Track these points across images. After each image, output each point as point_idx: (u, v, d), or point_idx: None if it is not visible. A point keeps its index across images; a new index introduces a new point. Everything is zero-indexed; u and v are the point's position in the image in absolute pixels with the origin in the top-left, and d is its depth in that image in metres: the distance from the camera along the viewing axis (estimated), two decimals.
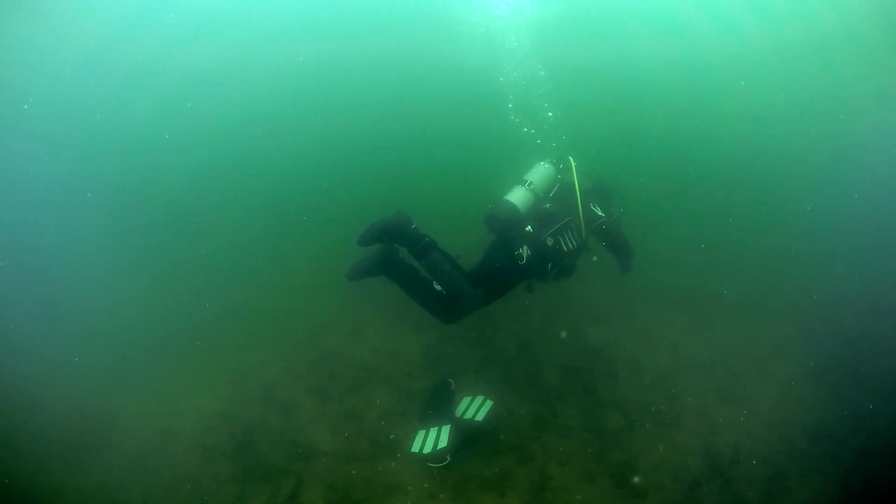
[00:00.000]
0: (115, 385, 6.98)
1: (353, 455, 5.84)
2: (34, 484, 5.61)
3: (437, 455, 5.54)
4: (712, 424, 6.20)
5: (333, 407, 6.53)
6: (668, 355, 7.26)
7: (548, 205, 5.55)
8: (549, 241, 5.33)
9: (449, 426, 5.76)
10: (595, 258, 5.78)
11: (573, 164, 5.69)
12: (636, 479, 5.53)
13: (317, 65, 14.32)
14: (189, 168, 12.40)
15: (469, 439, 5.82)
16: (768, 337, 7.51)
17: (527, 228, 5.35)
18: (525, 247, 5.23)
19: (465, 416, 6.00)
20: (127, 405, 6.67)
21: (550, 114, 8.06)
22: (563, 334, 7.63)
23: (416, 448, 5.61)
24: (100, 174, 11.66)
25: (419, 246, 4.92)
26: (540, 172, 5.66)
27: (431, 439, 5.65)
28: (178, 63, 13.13)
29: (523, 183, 5.55)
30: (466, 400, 6.25)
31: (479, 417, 5.98)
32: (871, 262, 8.99)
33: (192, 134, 13.08)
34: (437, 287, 4.99)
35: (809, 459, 5.76)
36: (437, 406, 6.08)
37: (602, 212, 5.68)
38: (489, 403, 6.16)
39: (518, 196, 5.46)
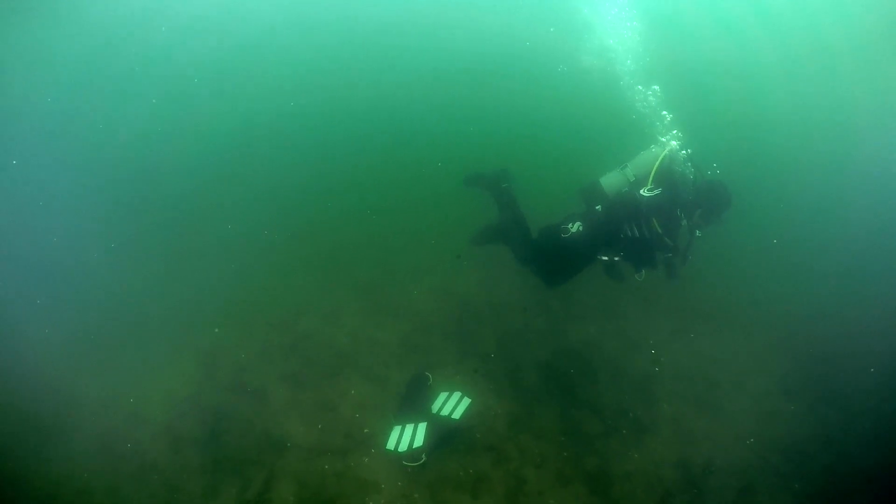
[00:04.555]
0: (80, 363, 6.74)
1: (326, 448, 5.74)
2: None
3: (412, 454, 5.46)
4: (687, 434, 6.22)
5: (307, 396, 6.39)
6: (648, 360, 7.23)
7: (625, 188, 5.53)
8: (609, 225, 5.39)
9: (425, 424, 5.67)
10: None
11: (667, 147, 5.49)
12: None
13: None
14: (168, 146, 12.02)
15: (445, 438, 5.75)
16: (748, 348, 7.52)
17: (597, 207, 5.50)
18: (578, 223, 5.40)
19: (441, 413, 5.92)
20: (92, 385, 6.44)
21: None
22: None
23: (391, 446, 5.52)
24: (75, 149, 11.28)
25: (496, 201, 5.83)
26: (643, 158, 5.59)
27: (407, 437, 5.56)
28: (185, 31, 12.86)
29: (622, 166, 5.59)
30: (444, 395, 6.15)
31: (457, 416, 5.90)
32: (854, 281, 9.04)
33: (180, 114, 12.74)
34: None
35: (780, 476, 5.81)
36: (413, 400, 5.98)
37: (686, 220, 5.41)
38: (467, 401, 6.08)
39: (609, 179, 5.58)
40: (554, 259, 5.56)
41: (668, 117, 6.38)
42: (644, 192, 5.32)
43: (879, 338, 7.72)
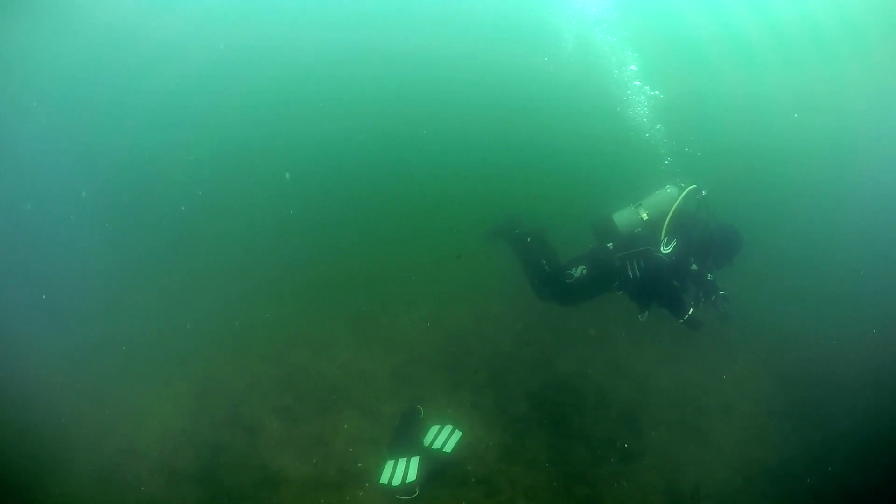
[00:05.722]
0: (74, 397, 6.75)
1: (321, 483, 5.80)
2: None
3: (405, 488, 5.55)
4: (675, 461, 6.31)
5: (300, 430, 6.47)
6: (636, 387, 7.35)
7: (638, 229, 5.72)
8: (616, 263, 5.58)
9: (418, 458, 5.76)
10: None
11: (684, 191, 5.62)
12: None
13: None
14: (162, 179, 12.11)
15: (437, 471, 5.84)
16: (733, 372, 7.66)
17: (608, 245, 5.69)
18: (581, 267, 5.63)
19: (433, 447, 6.02)
20: (88, 419, 6.47)
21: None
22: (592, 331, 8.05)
23: (384, 479, 5.60)
24: (69, 176, 11.35)
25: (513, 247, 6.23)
26: (658, 197, 5.74)
27: (400, 471, 5.64)
28: (187, 58, 13.03)
29: (636, 204, 5.75)
30: (435, 428, 6.26)
31: (448, 449, 6.00)
32: (837, 301, 9.19)
33: (174, 147, 12.87)
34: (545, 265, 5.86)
35: (767, 498, 5.91)
36: (405, 434, 6.08)
37: (697, 265, 5.60)
38: (458, 434, 6.18)
39: (622, 215, 5.76)
40: (564, 297, 5.85)
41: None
42: (662, 248, 5.53)
43: (863, 358, 7.88)
